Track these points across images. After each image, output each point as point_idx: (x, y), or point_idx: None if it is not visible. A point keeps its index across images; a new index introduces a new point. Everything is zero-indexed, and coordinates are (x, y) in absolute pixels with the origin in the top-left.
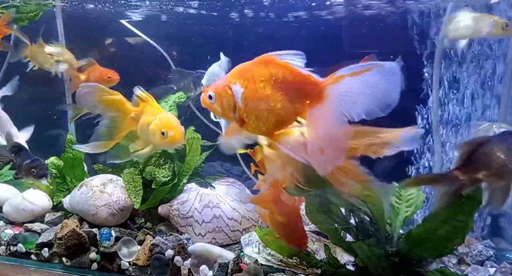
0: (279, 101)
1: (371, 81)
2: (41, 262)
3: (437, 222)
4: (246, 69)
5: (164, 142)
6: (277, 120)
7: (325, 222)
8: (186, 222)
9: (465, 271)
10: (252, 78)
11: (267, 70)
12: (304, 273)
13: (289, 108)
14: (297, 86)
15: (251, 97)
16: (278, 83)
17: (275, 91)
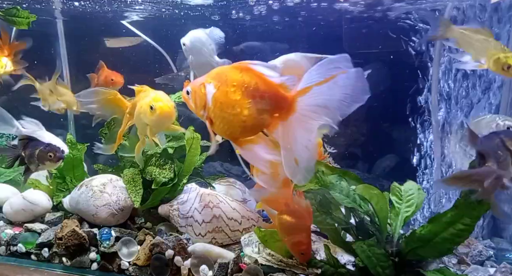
0: (246, 109)
1: (338, 88)
2: (41, 262)
3: (442, 225)
4: (222, 72)
5: (154, 118)
6: (241, 126)
7: (325, 222)
8: (186, 222)
9: (465, 271)
10: (225, 82)
11: (241, 77)
12: (304, 273)
13: (255, 117)
14: (267, 98)
15: (220, 99)
16: (249, 91)
17: (244, 98)
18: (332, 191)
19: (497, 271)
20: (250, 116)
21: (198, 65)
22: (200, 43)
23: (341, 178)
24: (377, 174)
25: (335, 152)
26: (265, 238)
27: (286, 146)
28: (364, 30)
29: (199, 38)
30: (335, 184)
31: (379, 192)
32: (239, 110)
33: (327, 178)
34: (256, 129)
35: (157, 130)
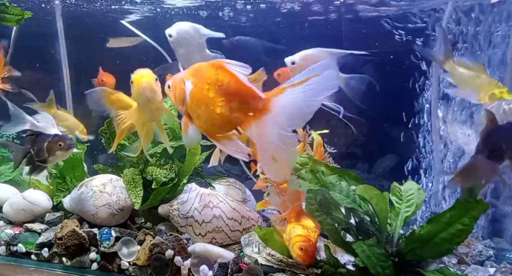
0: (219, 107)
1: (311, 90)
2: (41, 262)
3: (441, 225)
4: (200, 69)
5: (136, 92)
6: (214, 123)
7: (325, 222)
8: (186, 222)
9: (465, 271)
10: (202, 79)
11: (216, 75)
12: (304, 273)
13: (227, 116)
14: (240, 97)
15: (196, 95)
16: (222, 89)
17: (218, 96)
18: (332, 191)
19: (497, 271)
20: (223, 114)
21: (187, 59)
22: (188, 35)
23: (341, 178)
24: (377, 174)
25: (335, 152)
26: (265, 237)
27: (261, 145)
28: (363, 30)
29: (186, 30)
30: (335, 184)
31: (379, 192)
32: (212, 107)
33: (327, 178)
34: (229, 126)
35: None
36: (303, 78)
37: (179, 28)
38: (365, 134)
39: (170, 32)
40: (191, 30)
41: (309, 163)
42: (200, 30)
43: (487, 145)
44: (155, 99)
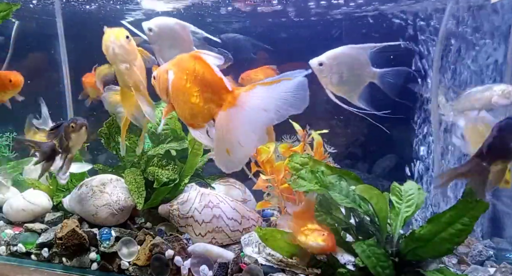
0: (194, 96)
1: (280, 93)
2: (41, 262)
3: (441, 225)
4: (180, 60)
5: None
6: (190, 113)
7: (325, 222)
8: (186, 222)
9: (465, 271)
10: (181, 69)
11: (193, 65)
12: (304, 273)
13: (201, 106)
14: (212, 88)
15: (175, 85)
16: (197, 79)
17: (193, 86)
18: (331, 191)
19: (497, 271)
20: (197, 103)
21: (168, 54)
22: (170, 30)
23: (341, 178)
24: (377, 174)
25: (335, 152)
26: (265, 237)
27: (219, 135)
28: (362, 29)
29: (169, 26)
30: (335, 184)
31: (379, 192)
32: (188, 97)
33: (326, 178)
34: (204, 116)
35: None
36: (275, 80)
37: (160, 22)
38: (365, 134)
39: (150, 25)
40: (177, 26)
41: (309, 163)
42: (186, 26)
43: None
44: (125, 57)
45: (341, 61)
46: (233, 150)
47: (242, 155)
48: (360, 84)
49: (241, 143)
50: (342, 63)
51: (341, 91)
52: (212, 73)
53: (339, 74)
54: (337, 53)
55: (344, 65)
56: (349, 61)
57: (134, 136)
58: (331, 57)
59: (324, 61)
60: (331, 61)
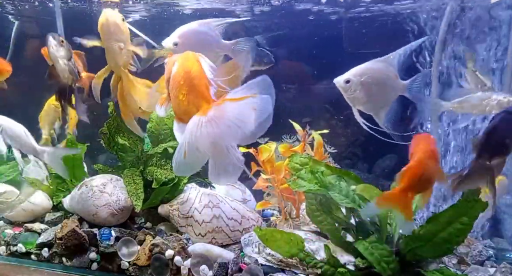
0: (182, 94)
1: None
2: (41, 262)
3: (441, 224)
4: (185, 57)
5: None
6: (177, 107)
7: (325, 222)
8: (186, 222)
9: (465, 271)
10: (182, 65)
11: (191, 66)
12: (304, 273)
13: (186, 105)
14: (196, 93)
15: (174, 78)
16: (189, 80)
17: (184, 85)
18: (331, 191)
19: (497, 271)
20: (183, 102)
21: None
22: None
23: (341, 178)
24: (377, 174)
25: (335, 152)
26: (265, 237)
27: (184, 136)
28: (363, 30)
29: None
30: (335, 184)
31: (379, 192)
32: (178, 93)
33: (326, 178)
34: (187, 115)
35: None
36: (242, 95)
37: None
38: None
39: (174, 40)
40: (202, 28)
41: (309, 163)
42: (210, 23)
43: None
44: (119, 36)
45: (368, 77)
46: (189, 154)
47: (195, 162)
48: (389, 100)
49: (199, 150)
50: (370, 78)
51: (369, 108)
52: (201, 80)
53: (368, 91)
54: (364, 69)
55: (372, 80)
56: (377, 76)
57: (134, 136)
58: (358, 74)
59: (351, 78)
60: (358, 78)
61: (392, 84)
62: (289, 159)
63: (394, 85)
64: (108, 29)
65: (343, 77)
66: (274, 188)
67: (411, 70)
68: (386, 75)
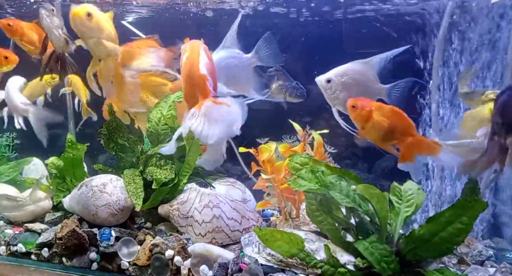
0: (188, 83)
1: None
2: (41, 262)
3: (441, 224)
4: (191, 45)
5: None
6: (185, 93)
7: (325, 222)
8: (186, 222)
9: (465, 271)
10: (189, 57)
11: (193, 57)
12: (304, 273)
13: (190, 93)
14: (198, 85)
15: (183, 66)
16: (192, 72)
17: (189, 76)
18: (331, 191)
19: (497, 271)
20: (188, 90)
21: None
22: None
23: (341, 178)
24: (377, 174)
25: (335, 152)
26: (265, 237)
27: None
28: (363, 29)
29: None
30: (335, 184)
31: (379, 192)
32: (184, 83)
33: (327, 178)
34: (193, 102)
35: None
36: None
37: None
38: None
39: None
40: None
41: (309, 163)
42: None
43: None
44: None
45: (349, 78)
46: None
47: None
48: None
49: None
50: (350, 79)
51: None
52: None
53: (348, 91)
54: (345, 70)
55: (353, 81)
56: (357, 78)
57: (134, 136)
58: (339, 74)
59: (332, 78)
60: (339, 78)
61: (372, 86)
62: (289, 159)
63: (373, 88)
64: (77, 28)
65: (324, 77)
66: (274, 188)
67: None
68: (367, 77)
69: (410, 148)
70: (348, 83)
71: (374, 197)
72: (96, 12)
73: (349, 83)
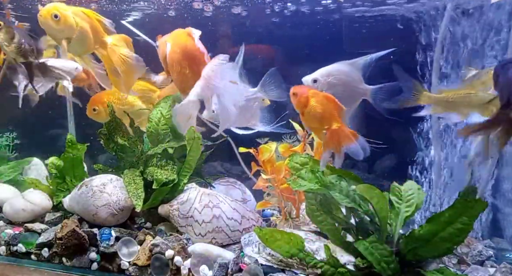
0: (184, 67)
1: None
2: (41, 262)
3: (441, 224)
4: (176, 35)
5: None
6: (181, 80)
7: (325, 222)
8: (186, 222)
9: (465, 271)
10: (176, 43)
11: (185, 41)
12: (304, 273)
13: (189, 77)
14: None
15: (171, 56)
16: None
17: (183, 59)
18: (331, 191)
19: (497, 271)
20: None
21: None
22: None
23: (341, 178)
24: (377, 174)
25: None
26: (265, 237)
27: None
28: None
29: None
30: (335, 184)
31: (379, 192)
32: (179, 67)
33: (326, 178)
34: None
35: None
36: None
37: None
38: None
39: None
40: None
41: (309, 163)
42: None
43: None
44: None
45: (334, 78)
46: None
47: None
48: (353, 102)
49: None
50: (336, 79)
51: None
52: (198, 51)
53: (333, 91)
54: (331, 70)
55: (338, 82)
56: (343, 78)
57: (134, 136)
58: (325, 74)
59: (318, 78)
60: (325, 78)
61: (356, 86)
62: (289, 159)
63: (358, 88)
64: (47, 31)
65: (311, 76)
66: (274, 188)
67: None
68: (352, 78)
69: (333, 135)
70: (333, 83)
71: (374, 197)
72: (63, 12)
73: (334, 83)
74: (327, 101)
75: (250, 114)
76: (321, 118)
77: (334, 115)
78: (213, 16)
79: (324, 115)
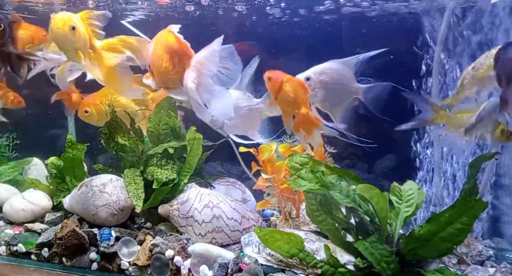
0: (164, 62)
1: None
2: (41, 262)
3: (441, 224)
4: (158, 35)
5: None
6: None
7: (325, 222)
8: (186, 222)
9: (465, 271)
10: (158, 42)
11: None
12: (304, 273)
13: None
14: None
15: (153, 55)
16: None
17: (165, 54)
18: (331, 191)
19: (497, 271)
20: (167, 69)
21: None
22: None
23: (341, 178)
24: (377, 174)
25: (335, 152)
26: (265, 237)
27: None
28: (364, 30)
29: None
30: (335, 184)
31: (379, 192)
32: (161, 63)
33: (327, 178)
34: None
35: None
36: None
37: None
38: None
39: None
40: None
41: (309, 163)
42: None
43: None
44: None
45: (327, 76)
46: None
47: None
48: (344, 100)
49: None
50: (328, 78)
51: (326, 107)
52: (179, 43)
53: (326, 89)
54: (323, 68)
55: (330, 80)
56: (335, 76)
57: (135, 136)
58: (318, 72)
59: (311, 76)
60: (318, 76)
61: (349, 85)
62: (289, 158)
63: (350, 87)
64: (58, 41)
65: (304, 74)
66: (274, 188)
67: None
68: (344, 76)
69: (301, 119)
70: (326, 81)
71: (374, 197)
72: (77, 22)
73: (327, 82)
74: (299, 87)
75: (250, 123)
76: (293, 103)
77: (304, 100)
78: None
79: (296, 100)
